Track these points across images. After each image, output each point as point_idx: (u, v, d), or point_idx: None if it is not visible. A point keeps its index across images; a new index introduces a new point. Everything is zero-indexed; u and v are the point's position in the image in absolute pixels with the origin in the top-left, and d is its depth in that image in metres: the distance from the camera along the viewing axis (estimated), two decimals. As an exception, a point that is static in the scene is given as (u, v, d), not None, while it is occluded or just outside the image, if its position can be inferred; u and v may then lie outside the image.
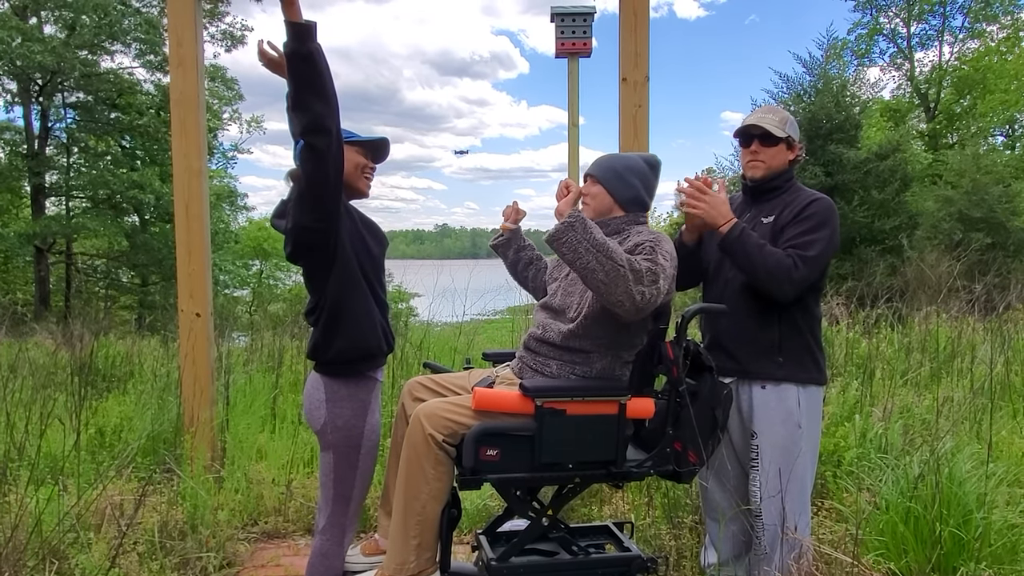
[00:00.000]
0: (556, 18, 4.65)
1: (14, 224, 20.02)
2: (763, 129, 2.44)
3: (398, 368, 5.19)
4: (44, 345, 6.89)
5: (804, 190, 2.49)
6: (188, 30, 3.71)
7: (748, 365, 2.43)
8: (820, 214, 2.36)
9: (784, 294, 2.31)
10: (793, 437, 2.39)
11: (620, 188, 2.34)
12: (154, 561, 2.79)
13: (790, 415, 2.39)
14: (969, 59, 25.08)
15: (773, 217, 2.43)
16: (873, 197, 10.94)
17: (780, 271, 2.26)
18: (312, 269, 2.22)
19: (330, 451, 2.28)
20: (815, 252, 2.30)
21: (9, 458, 3.37)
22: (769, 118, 2.46)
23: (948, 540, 2.50)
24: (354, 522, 2.37)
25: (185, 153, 3.77)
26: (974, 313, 7.05)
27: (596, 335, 2.23)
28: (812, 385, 2.44)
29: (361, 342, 2.24)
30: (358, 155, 2.32)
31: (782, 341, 2.40)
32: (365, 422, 2.29)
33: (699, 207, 2.32)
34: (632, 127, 3.87)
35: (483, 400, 2.16)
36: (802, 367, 2.41)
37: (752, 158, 2.47)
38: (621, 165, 2.37)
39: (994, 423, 3.94)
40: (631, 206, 2.35)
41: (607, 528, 2.65)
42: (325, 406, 2.25)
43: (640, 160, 2.40)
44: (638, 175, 2.36)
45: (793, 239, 2.34)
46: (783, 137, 2.45)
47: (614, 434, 2.20)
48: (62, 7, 18.87)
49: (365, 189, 2.37)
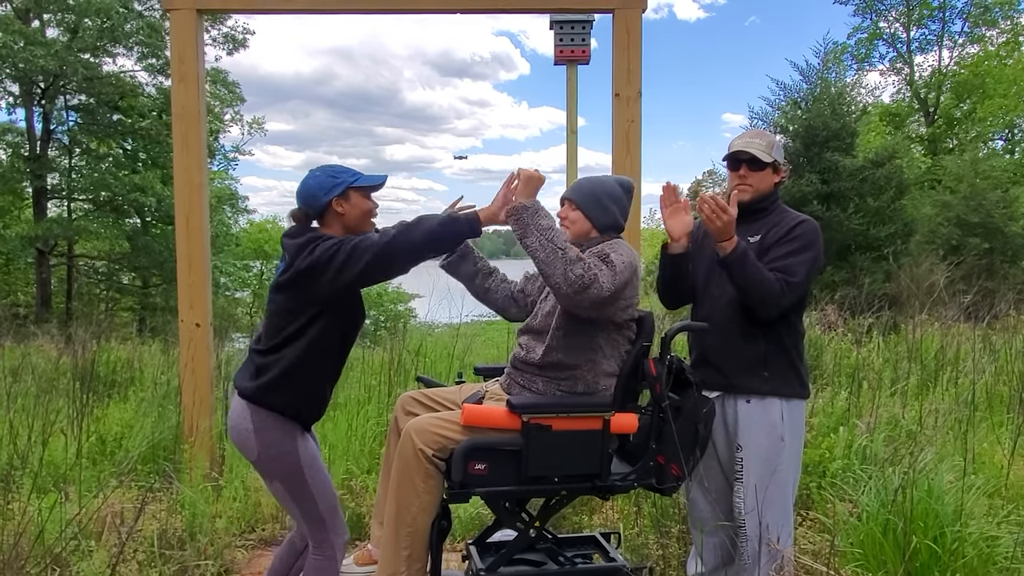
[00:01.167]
0: (555, 25, 4.72)
1: (16, 226, 20.10)
2: (750, 155, 2.52)
3: (395, 374, 5.27)
4: (46, 350, 6.97)
5: (789, 211, 2.58)
6: (190, 47, 3.79)
7: (734, 380, 2.50)
8: (805, 236, 2.45)
9: (769, 316, 2.42)
10: (776, 450, 2.46)
11: (598, 214, 2.44)
12: (153, 569, 2.86)
13: (773, 428, 2.46)
14: (968, 64, 25.14)
15: (759, 237, 2.51)
16: (868, 204, 11.01)
17: (771, 296, 2.36)
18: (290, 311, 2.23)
19: (275, 480, 2.27)
20: (800, 278, 2.40)
21: (13, 466, 3.45)
22: (756, 143, 2.54)
23: (924, 552, 2.58)
24: (339, 530, 2.34)
25: (186, 167, 3.85)
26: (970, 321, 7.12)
27: (572, 347, 2.31)
28: (796, 399, 2.52)
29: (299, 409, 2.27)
30: (365, 200, 2.33)
31: (768, 356, 2.47)
32: (296, 443, 2.25)
33: (717, 223, 2.38)
34: (625, 142, 3.95)
35: (471, 416, 2.25)
36: (786, 382, 2.49)
37: (740, 182, 2.54)
38: (600, 191, 2.46)
39: (977, 434, 4.02)
40: (607, 231, 2.46)
41: (594, 539, 2.73)
42: (254, 436, 2.22)
43: (616, 185, 2.50)
44: (615, 200, 2.47)
45: (779, 260, 2.42)
46: (769, 162, 2.53)
47: (598, 449, 2.28)
48: (65, 10, 18.98)
49: (370, 231, 2.36)
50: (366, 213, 2.34)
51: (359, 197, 2.31)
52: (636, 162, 3.95)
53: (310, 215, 2.32)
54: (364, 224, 2.34)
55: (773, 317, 2.41)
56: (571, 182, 4.44)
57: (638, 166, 3.96)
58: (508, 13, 4.78)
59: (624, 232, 2.54)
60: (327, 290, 2.17)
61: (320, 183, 2.28)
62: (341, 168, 2.33)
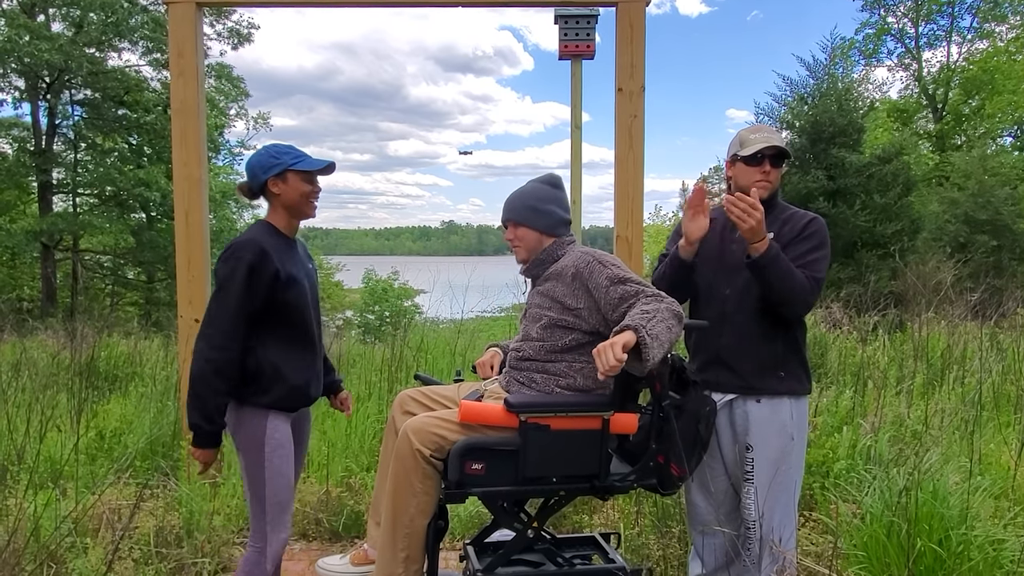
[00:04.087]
0: (560, 20, 4.67)
1: (21, 221, 20.17)
2: (779, 149, 2.47)
3: (396, 371, 5.24)
4: (48, 345, 6.97)
5: (791, 208, 2.56)
6: (189, 42, 3.76)
7: (752, 380, 2.47)
8: (820, 234, 2.45)
9: (798, 315, 2.42)
10: (786, 449, 2.45)
11: (540, 220, 2.44)
12: (149, 566, 2.85)
13: (784, 427, 2.44)
14: (977, 60, 24.92)
15: (771, 234, 2.46)
16: (875, 201, 10.92)
17: (803, 294, 2.35)
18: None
19: (240, 451, 2.35)
20: (823, 275, 2.41)
21: (9, 461, 3.44)
22: (777, 138, 2.51)
23: (928, 555, 2.54)
24: (278, 526, 2.34)
25: (185, 162, 3.82)
26: (977, 319, 7.06)
27: (561, 337, 2.30)
28: (803, 396, 2.51)
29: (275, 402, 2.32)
30: (304, 183, 2.36)
31: (785, 356, 2.46)
32: (267, 419, 2.31)
33: (749, 222, 2.32)
34: (627, 137, 3.91)
35: (469, 413, 2.21)
36: (798, 380, 2.49)
37: (764, 178, 2.47)
38: (529, 199, 2.46)
39: (984, 434, 3.97)
40: (555, 229, 2.45)
41: (593, 539, 2.70)
42: (233, 402, 2.31)
43: (541, 185, 2.50)
44: (547, 200, 2.46)
45: (801, 258, 2.39)
46: (788, 157, 2.53)
47: (597, 449, 2.25)
48: (70, 5, 19.00)
49: (311, 213, 2.42)
50: (304, 195, 2.37)
51: (297, 180, 2.33)
52: (639, 158, 3.91)
53: (253, 190, 2.38)
54: (303, 206, 2.38)
55: (802, 316, 2.42)
56: (576, 178, 4.43)
57: (641, 162, 3.92)
58: (512, 7, 4.74)
59: (624, 232, 2.51)
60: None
61: (261, 161, 2.33)
62: (285, 148, 2.35)
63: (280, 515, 2.34)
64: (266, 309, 2.27)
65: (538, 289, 2.42)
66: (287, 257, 2.34)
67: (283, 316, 2.31)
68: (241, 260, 2.21)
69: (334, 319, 20.15)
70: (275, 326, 2.30)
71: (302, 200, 2.37)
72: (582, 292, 2.28)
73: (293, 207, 2.37)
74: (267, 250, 2.25)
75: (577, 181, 4.24)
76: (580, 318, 2.29)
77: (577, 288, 2.29)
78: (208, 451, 2.27)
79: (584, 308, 2.28)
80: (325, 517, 3.54)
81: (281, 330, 2.32)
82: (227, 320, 2.20)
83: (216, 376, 2.20)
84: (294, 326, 2.35)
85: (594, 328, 2.29)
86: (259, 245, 2.25)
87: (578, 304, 2.28)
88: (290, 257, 2.36)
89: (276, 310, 2.29)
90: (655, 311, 2.08)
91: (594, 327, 2.29)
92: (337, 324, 17.59)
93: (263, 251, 2.24)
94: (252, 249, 2.23)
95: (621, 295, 2.20)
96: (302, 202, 2.37)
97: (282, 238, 2.38)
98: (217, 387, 2.21)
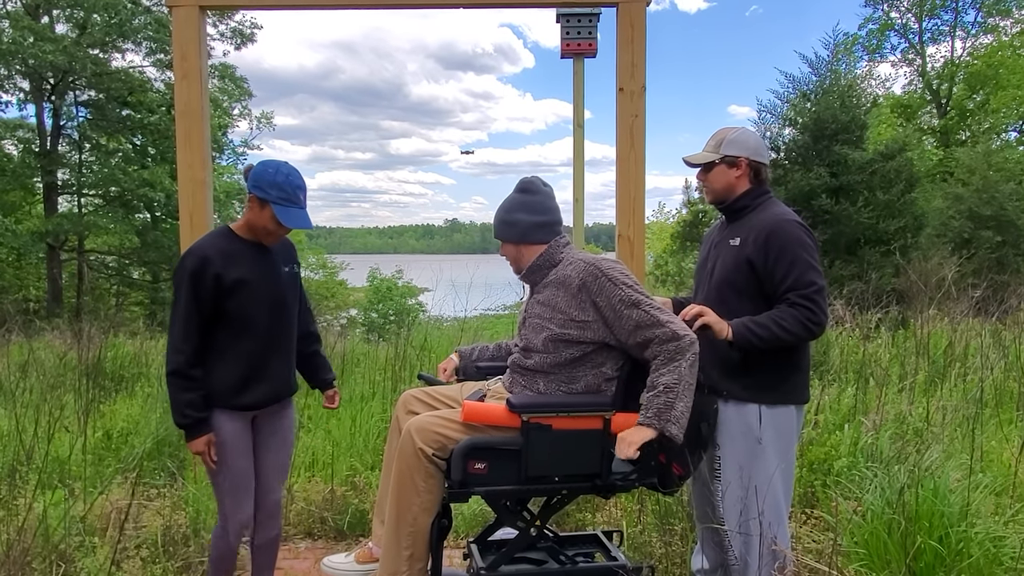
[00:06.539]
0: (561, 18, 4.69)
1: (27, 221, 20.24)
2: (691, 163, 2.59)
3: (401, 369, 5.27)
4: (54, 346, 7.02)
5: (769, 210, 2.47)
6: (192, 44, 3.78)
7: (718, 384, 2.47)
8: (784, 243, 2.35)
9: (818, 335, 2.38)
10: (754, 452, 2.42)
11: (511, 232, 2.44)
12: (156, 565, 2.88)
13: (750, 430, 2.42)
14: (982, 54, 24.79)
15: (739, 240, 2.46)
16: (878, 198, 10.86)
17: (802, 326, 2.30)
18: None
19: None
20: (815, 277, 2.33)
21: (18, 462, 3.48)
22: (705, 148, 2.56)
23: (928, 552, 2.55)
24: (232, 512, 2.49)
25: (189, 164, 3.85)
26: (980, 316, 7.05)
27: (566, 350, 2.31)
28: (779, 405, 2.43)
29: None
30: (271, 221, 2.42)
31: (748, 362, 2.41)
32: (214, 417, 2.42)
33: (706, 320, 2.34)
34: (629, 137, 3.92)
35: (471, 413, 2.24)
36: (771, 389, 2.42)
37: (701, 186, 2.63)
38: (502, 215, 2.46)
39: (986, 431, 3.98)
40: (534, 234, 2.42)
41: (596, 537, 2.72)
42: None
43: (512, 194, 2.49)
44: (515, 209, 2.44)
45: (783, 283, 2.34)
46: (716, 160, 2.50)
47: (599, 448, 2.27)
48: (73, 6, 19.02)
49: (268, 243, 2.52)
50: (264, 230, 2.46)
51: (270, 216, 2.41)
52: (640, 157, 3.92)
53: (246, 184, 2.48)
54: (261, 236, 2.49)
55: (818, 336, 2.39)
56: (578, 176, 4.44)
57: (642, 161, 3.93)
58: (513, 7, 4.75)
59: (626, 231, 2.53)
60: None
61: (260, 176, 2.40)
62: (284, 183, 2.39)
63: (235, 500, 2.49)
64: (215, 311, 2.40)
65: (537, 298, 2.41)
66: (241, 261, 2.44)
67: (231, 318, 2.41)
68: (184, 268, 2.38)
69: (338, 317, 20.21)
70: (224, 327, 2.42)
71: (263, 231, 2.47)
72: (590, 306, 2.28)
73: (255, 229, 2.47)
74: (209, 256, 2.38)
75: (579, 179, 4.26)
76: (586, 329, 2.29)
77: (584, 301, 2.29)
78: (195, 442, 2.40)
79: (592, 321, 2.28)
80: (330, 516, 3.58)
81: (227, 331, 2.43)
82: (179, 324, 2.37)
83: (174, 376, 2.36)
84: (244, 327, 2.44)
85: (600, 339, 2.29)
86: (202, 252, 2.39)
87: (585, 317, 2.28)
88: (246, 261, 2.45)
89: (223, 312, 2.40)
90: (674, 384, 2.15)
91: (601, 338, 2.29)
92: (341, 323, 17.65)
93: (204, 258, 2.38)
94: (193, 256, 2.38)
95: (637, 323, 2.22)
96: (263, 232, 2.48)
97: (242, 243, 2.48)
98: (179, 386, 2.36)
